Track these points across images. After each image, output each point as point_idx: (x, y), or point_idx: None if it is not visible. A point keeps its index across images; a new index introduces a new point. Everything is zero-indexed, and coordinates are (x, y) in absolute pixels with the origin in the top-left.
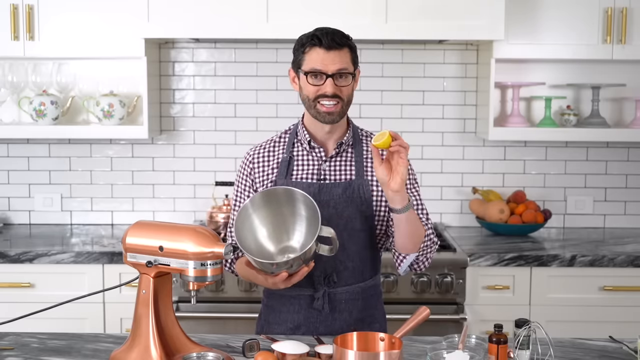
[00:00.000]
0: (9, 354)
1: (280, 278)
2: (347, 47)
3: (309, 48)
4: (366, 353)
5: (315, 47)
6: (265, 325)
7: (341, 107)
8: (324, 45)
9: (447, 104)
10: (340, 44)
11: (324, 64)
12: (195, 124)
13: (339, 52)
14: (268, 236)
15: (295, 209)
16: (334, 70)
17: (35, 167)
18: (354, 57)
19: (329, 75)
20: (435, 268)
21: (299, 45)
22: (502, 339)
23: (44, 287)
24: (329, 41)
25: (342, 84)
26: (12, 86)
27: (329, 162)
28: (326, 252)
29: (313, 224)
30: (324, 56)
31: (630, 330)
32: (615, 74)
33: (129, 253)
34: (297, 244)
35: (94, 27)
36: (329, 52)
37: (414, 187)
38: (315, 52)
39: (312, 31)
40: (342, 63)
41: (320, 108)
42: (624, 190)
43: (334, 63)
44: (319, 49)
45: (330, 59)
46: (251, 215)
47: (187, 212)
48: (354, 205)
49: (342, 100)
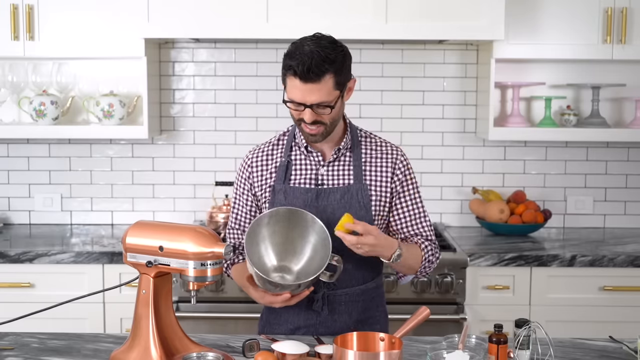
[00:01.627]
0: (9, 354)
1: (283, 299)
2: (330, 73)
3: (287, 74)
4: (366, 353)
5: (291, 77)
6: (266, 325)
7: (324, 129)
8: (299, 76)
9: (447, 104)
10: (318, 74)
11: (302, 96)
12: (195, 124)
13: (317, 85)
14: (272, 252)
15: (306, 232)
16: (311, 102)
17: (35, 167)
18: (338, 80)
19: (307, 105)
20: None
21: (283, 59)
22: (502, 339)
23: (44, 287)
24: (304, 73)
25: (322, 112)
26: (12, 86)
27: (327, 166)
28: (326, 278)
29: (321, 250)
30: (301, 88)
31: (630, 330)
32: (615, 74)
33: (129, 253)
34: (296, 266)
35: (94, 27)
36: (306, 84)
37: (415, 194)
38: (292, 83)
39: (298, 49)
40: (321, 96)
41: (304, 128)
42: (624, 190)
43: (311, 94)
44: (294, 79)
45: (308, 91)
46: (263, 228)
47: (187, 212)
48: (353, 210)
49: (324, 124)
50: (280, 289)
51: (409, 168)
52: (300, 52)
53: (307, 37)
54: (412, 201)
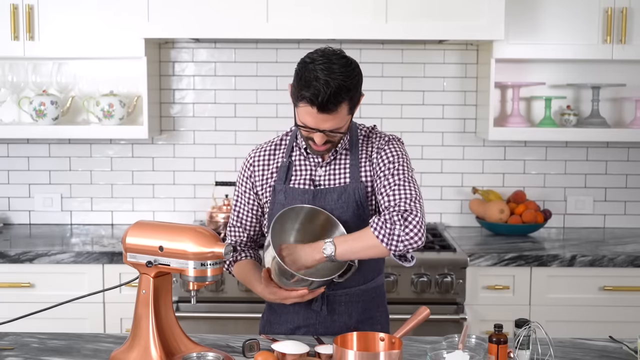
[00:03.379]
0: (9, 354)
1: (299, 294)
2: (344, 102)
3: (302, 103)
4: (366, 353)
5: (308, 107)
6: (266, 325)
7: (332, 145)
8: (317, 107)
9: (447, 104)
10: (335, 105)
11: (316, 123)
12: (195, 124)
13: (332, 114)
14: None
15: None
16: (325, 128)
17: (35, 167)
18: (352, 105)
19: (319, 130)
20: (435, 268)
21: (296, 82)
22: (502, 339)
23: (44, 287)
24: (322, 104)
25: (333, 135)
26: (12, 86)
27: (325, 167)
28: (337, 277)
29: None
30: (316, 117)
31: (630, 330)
32: (615, 74)
33: (129, 253)
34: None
35: (94, 27)
36: (322, 114)
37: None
38: (307, 111)
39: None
40: (335, 123)
41: (312, 144)
42: (624, 190)
43: (325, 122)
44: (311, 109)
45: (323, 119)
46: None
47: (187, 212)
48: (350, 210)
49: (332, 143)
50: (297, 284)
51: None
52: (316, 81)
53: (317, 58)
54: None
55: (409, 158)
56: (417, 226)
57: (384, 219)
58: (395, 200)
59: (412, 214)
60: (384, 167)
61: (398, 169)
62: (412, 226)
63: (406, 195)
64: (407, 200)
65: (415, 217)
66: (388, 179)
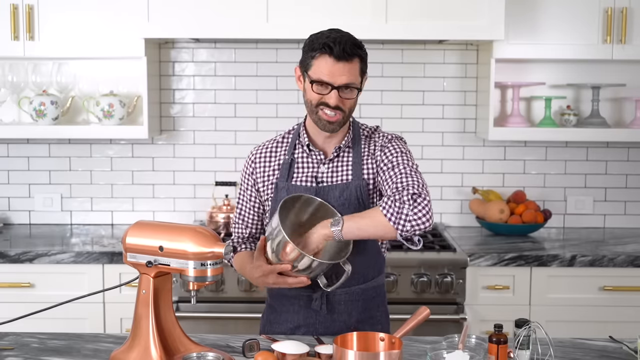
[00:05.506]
0: (9, 354)
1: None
2: (358, 57)
3: (318, 54)
4: (366, 353)
5: (324, 55)
6: (267, 324)
7: (342, 117)
8: (334, 54)
9: (447, 104)
10: (351, 55)
11: (331, 76)
12: (195, 124)
13: (348, 64)
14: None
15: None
16: (340, 83)
17: (35, 167)
18: (363, 67)
19: (334, 87)
20: (435, 268)
21: (309, 47)
22: (502, 339)
23: (44, 287)
24: (340, 51)
25: (347, 96)
26: (12, 86)
27: (327, 164)
28: (323, 285)
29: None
30: (332, 67)
31: (630, 330)
32: (615, 74)
33: (129, 253)
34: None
35: (94, 27)
36: (338, 63)
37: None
38: (324, 61)
39: (325, 34)
40: (350, 76)
41: (322, 115)
42: (624, 190)
43: (341, 75)
44: (328, 57)
45: (339, 70)
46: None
47: (187, 212)
48: (352, 207)
49: (343, 112)
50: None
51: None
52: (329, 35)
53: (325, 30)
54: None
55: (412, 155)
56: (426, 208)
57: (393, 198)
58: (403, 184)
59: (421, 197)
60: (387, 162)
61: (404, 161)
62: (422, 207)
63: (414, 181)
64: (416, 185)
65: (424, 200)
66: (394, 170)
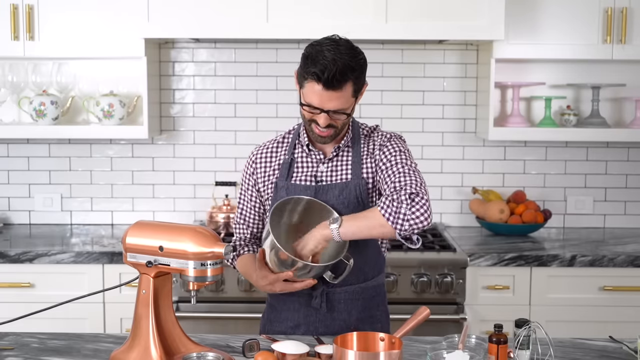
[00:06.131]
0: (9, 354)
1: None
2: (350, 81)
3: (309, 79)
4: (366, 353)
5: (314, 82)
6: (267, 324)
7: (334, 131)
8: (322, 82)
9: (447, 104)
10: (340, 83)
11: (321, 102)
12: (195, 124)
13: (337, 92)
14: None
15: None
16: (329, 108)
17: (35, 167)
18: (356, 87)
19: (324, 110)
20: (435, 268)
21: (303, 62)
22: (502, 339)
23: (44, 287)
24: (328, 81)
25: (337, 118)
26: (12, 86)
27: (327, 164)
28: (330, 278)
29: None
30: (321, 95)
31: (630, 330)
32: (615, 74)
33: (129, 253)
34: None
35: (94, 27)
36: (327, 91)
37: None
38: (313, 87)
39: (320, 54)
40: (339, 103)
41: (315, 129)
42: (624, 190)
43: (330, 101)
44: (316, 85)
45: (328, 97)
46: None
47: (187, 212)
48: (352, 206)
49: (335, 127)
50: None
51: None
52: (323, 58)
53: (325, 41)
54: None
55: (411, 154)
56: (424, 207)
57: (391, 198)
58: (401, 183)
59: (419, 196)
60: (386, 161)
61: (402, 160)
62: (419, 206)
63: (412, 181)
64: (414, 184)
65: (422, 199)
66: (392, 169)
